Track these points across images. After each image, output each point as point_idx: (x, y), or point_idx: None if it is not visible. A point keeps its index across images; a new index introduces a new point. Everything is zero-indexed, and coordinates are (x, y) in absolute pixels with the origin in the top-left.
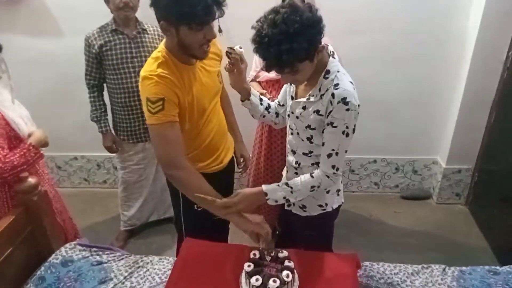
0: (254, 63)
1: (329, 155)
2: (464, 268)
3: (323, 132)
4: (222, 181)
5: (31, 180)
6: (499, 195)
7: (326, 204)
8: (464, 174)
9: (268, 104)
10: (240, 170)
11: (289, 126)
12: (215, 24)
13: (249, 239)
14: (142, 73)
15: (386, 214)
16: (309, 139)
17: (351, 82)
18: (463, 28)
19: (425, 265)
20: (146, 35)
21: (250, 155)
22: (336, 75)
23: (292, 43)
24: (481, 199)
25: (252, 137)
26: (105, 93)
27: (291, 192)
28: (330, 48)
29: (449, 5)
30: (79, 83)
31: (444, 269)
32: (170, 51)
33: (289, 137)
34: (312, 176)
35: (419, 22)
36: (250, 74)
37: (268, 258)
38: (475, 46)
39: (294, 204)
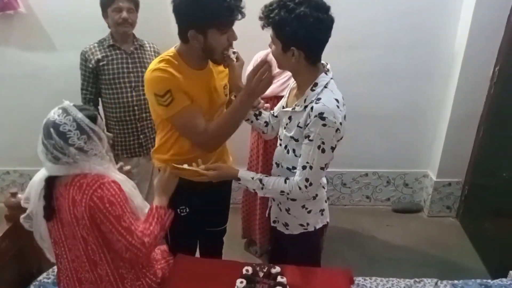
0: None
1: (304, 167)
2: (456, 281)
3: None
4: (212, 192)
5: (21, 195)
6: (489, 207)
7: (308, 224)
8: (454, 187)
9: (259, 111)
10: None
11: (279, 136)
12: None
13: (242, 255)
14: (145, 74)
15: (378, 228)
16: (293, 152)
17: (336, 99)
18: (451, 45)
19: (417, 279)
20: (143, 51)
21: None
22: (322, 90)
23: (278, 9)
24: (472, 212)
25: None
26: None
27: (262, 188)
28: (328, 66)
29: (438, 23)
30: (72, 98)
31: (436, 283)
32: (180, 55)
33: (277, 148)
34: (285, 182)
35: (409, 40)
36: None
37: (261, 274)
38: (463, 63)
39: (278, 221)
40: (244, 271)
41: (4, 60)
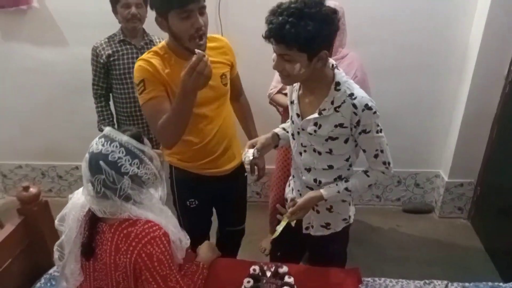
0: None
1: (376, 156)
2: (466, 284)
3: (345, 142)
4: (221, 188)
5: (32, 189)
6: (501, 209)
7: (350, 217)
8: (466, 188)
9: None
10: (252, 177)
11: (301, 144)
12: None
13: (251, 254)
14: None
15: (388, 228)
16: (329, 152)
17: (358, 88)
18: (465, 42)
19: (427, 281)
20: (153, 46)
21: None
22: (347, 86)
23: (300, 21)
24: (483, 214)
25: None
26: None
27: (349, 195)
28: (331, 61)
29: (452, 19)
30: (80, 93)
31: (446, 285)
32: (169, 47)
33: (302, 156)
34: (368, 176)
35: (422, 36)
36: (273, 85)
37: (268, 274)
38: (477, 60)
39: (313, 226)
40: (251, 270)
41: (13, 54)
